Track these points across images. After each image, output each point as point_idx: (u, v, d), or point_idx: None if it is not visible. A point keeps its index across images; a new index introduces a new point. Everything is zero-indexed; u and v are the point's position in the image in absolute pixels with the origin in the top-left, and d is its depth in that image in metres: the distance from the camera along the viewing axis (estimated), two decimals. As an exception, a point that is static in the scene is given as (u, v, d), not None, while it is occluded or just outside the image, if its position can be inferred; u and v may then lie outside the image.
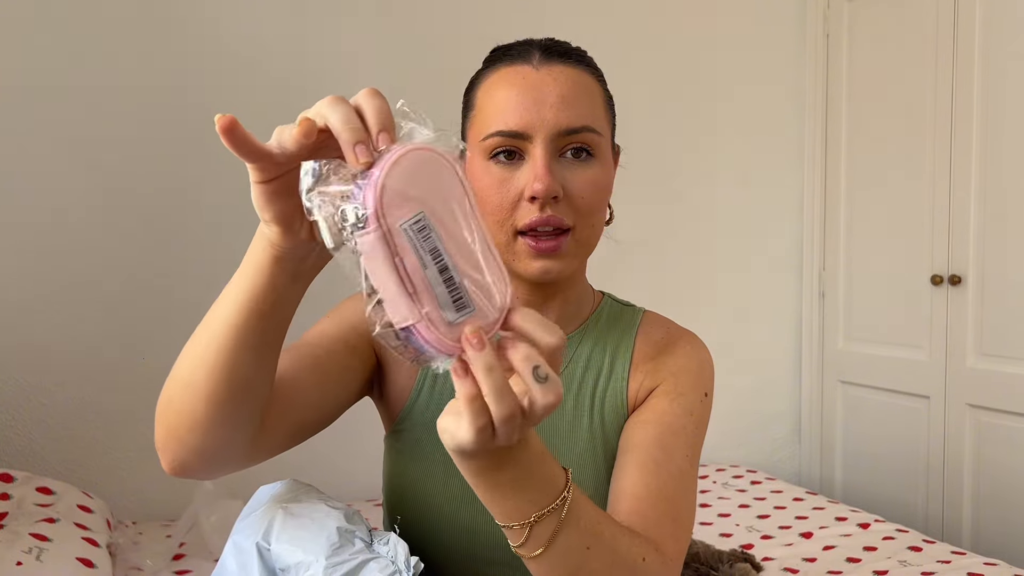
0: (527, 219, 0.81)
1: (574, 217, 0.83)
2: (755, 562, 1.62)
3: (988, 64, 2.19)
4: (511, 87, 0.83)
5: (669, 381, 0.90)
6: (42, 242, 1.95)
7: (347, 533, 0.78)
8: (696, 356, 0.92)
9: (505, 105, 0.83)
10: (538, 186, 0.80)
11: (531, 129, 0.81)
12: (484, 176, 0.83)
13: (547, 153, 0.81)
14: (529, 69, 0.84)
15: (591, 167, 0.84)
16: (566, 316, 0.93)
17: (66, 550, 1.39)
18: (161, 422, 0.73)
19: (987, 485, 2.22)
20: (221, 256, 2.10)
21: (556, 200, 0.81)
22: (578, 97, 0.83)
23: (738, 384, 2.69)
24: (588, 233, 0.85)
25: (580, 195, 0.82)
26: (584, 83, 0.85)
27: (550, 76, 0.83)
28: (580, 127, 0.82)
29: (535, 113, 0.82)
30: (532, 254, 0.82)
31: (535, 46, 0.86)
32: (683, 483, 0.84)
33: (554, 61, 0.84)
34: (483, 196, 0.83)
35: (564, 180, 0.82)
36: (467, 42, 2.30)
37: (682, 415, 0.87)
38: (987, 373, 2.20)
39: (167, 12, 2.04)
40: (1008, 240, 2.15)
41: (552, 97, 0.82)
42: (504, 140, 0.82)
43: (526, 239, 0.82)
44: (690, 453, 0.86)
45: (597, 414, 0.90)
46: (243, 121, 0.58)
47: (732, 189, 2.67)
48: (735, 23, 2.64)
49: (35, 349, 1.94)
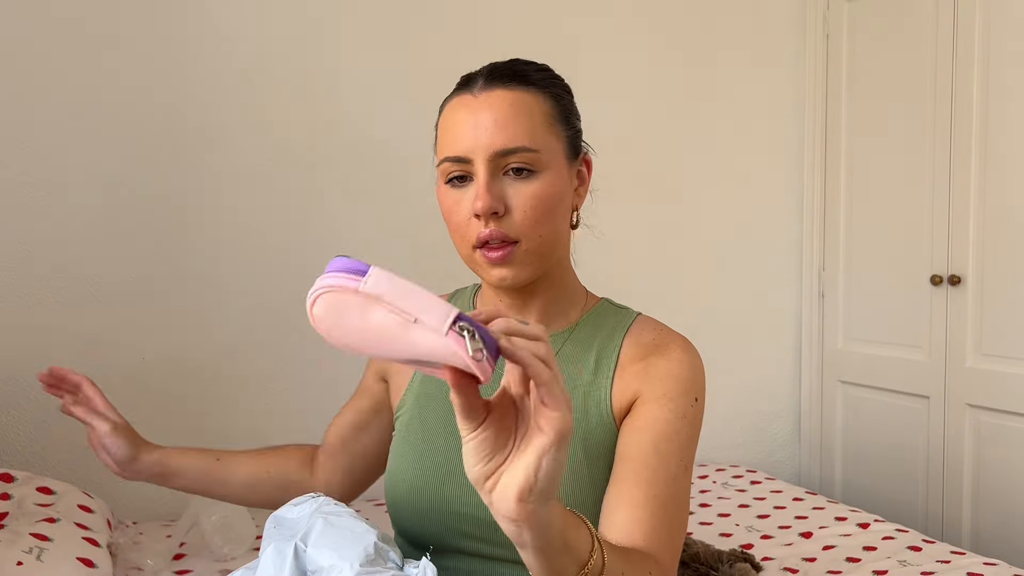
0: (476, 234, 0.90)
1: (518, 230, 0.90)
2: (755, 562, 1.62)
3: (988, 64, 2.19)
4: (455, 114, 0.92)
5: (658, 386, 0.92)
6: (42, 242, 1.95)
7: (382, 550, 0.83)
8: (687, 361, 0.94)
9: (452, 132, 0.92)
10: (478, 204, 0.88)
11: (471, 153, 0.89)
12: (444, 198, 0.94)
13: (486, 173, 0.89)
14: (470, 97, 0.91)
15: (532, 183, 0.90)
16: (550, 316, 0.99)
17: (67, 550, 1.39)
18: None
19: (987, 485, 2.22)
20: (221, 256, 2.11)
21: (498, 215, 0.89)
22: (512, 119, 0.89)
23: (738, 384, 2.69)
24: (537, 243, 0.91)
25: (522, 209, 0.89)
26: (521, 104, 0.90)
27: (487, 102, 0.90)
28: (514, 147, 0.89)
29: (473, 139, 0.89)
30: (488, 264, 0.91)
31: (483, 72, 0.93)
32: (677, 490, 0.87)
33: (494, 86, 0.91)
34: (446, 216, 0.94)
35: (507, 197, 0.90)
36: (468, 45, 2.31)
37: (675, 420, 0.90)
38: (987, 373, 2.20)
39: (167, 13, 2.04)
40: (1008, 240, 2.15)
41: (486, 121, 0.89)
42: (452, 165, 0.91)
43: (482, 251, 0.91)
44: (683, 458, 0.89)
45: (579, 412, 0.93)
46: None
47: (732, 189, 2.67)
48: (735, 23, 2.64)
49: (36, 349, 1.94)
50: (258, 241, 2.13)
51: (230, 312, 2.10)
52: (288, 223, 2.16)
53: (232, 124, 2.08)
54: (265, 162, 2.12)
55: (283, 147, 2.14)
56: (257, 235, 2.13)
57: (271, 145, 2.13)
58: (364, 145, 2.22)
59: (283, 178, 2.15)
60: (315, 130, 2.17)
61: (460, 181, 0.92)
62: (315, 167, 2.18)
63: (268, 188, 2.13)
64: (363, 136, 2.22)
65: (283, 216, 2.15)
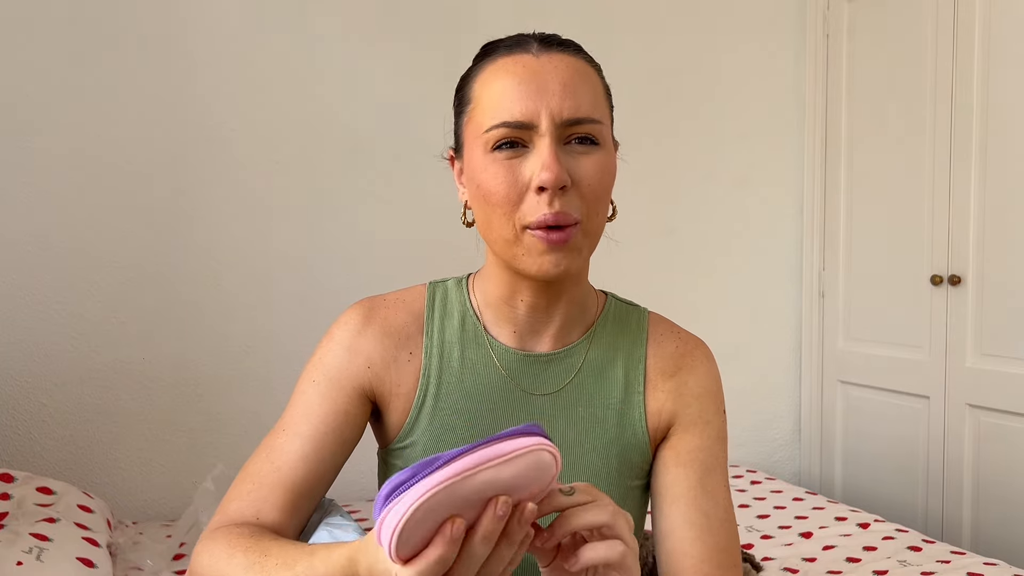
0: (535, 216, 0.78)
1: (581, 208, 0.79)
2: (755, 562, 1.62)
3: (988, 64, 2.19)
4: (511, 76, 0.80)
5: (694, 407, 0.89)
6: (42, 242, 1.95)
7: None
8: (712, 372, 0.92)
9: (506, 95, 0.79)
10: (546, 175, 0.77)
11: (536, 118, 0.78)
12: (488, 169, 0.80)
13: (554, 142, 0.78)
14: (529, 57, 0.81)
15: (596, 155, 0.81)
16: (571, 320, 0.90)
17: (66, 550, 1.39)
18: None
19: (987, 485, 2.22)
20: (221, 256, 2.11)
21: (564, 190, 0.78)
22: (581, 85, 0.81)
23: (738, 384, 2.69)
24: (595, 224, 0.82)
25: (588, 183, 0.80)
26: (585, 72, 0.82)
27: (551, 64, 0.80)
28: (584, 116, 0.80)
29: (539, 101, 0.78)
30: (542, 248, 0.79)
31: (532, 37, 0.83)
32: (731, 525, 0.86)
33: (553, 50, 0.82)
34: (488, 190, 0.80)
35: (571, 168, 0.79)
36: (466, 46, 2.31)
37: (713, 446, 0.89)
38: (987, 373, 2.20)
39: (167, 14, 2.04)
40: (1008, 240, 2.15)
41: (555, 84, 0.79)
42: (508, 131, 0.79)
43: (535, 233, 0.78)
44: (726, 483, 0.88)
45: (614, 427, 0.89)
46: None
47: (732, 189, 2.67)
48: (735, 23, 2.64)
49: (35, 349, 1.95)
50: (259, 241, 2.13)
51: (231, 312, 2.10)
52: (288, 223, 2.16)
53: (232, 124, 2.08)
54: (265, 162, 2.12)
55: (283, 147, 2.14)
56: (258, 235, 2.13)
57: (272, 145, 2.13)
58: (364, 145, 2.22)
59: (283, 178, 2.15)
60: (315, 131, 2.17)
61: (512, 148, 0.79)
62: (316, 167, 2.18)
63: (269, 188, 2.13)
64: (363, 136, 2.22)
65: (283, 216, 2.15)
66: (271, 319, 2.13)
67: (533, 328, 0.89)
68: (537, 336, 0.89)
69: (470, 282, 0.93)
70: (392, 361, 0.88)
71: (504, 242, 0.81)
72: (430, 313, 0.91)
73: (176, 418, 2.06)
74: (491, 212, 0.80)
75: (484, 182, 0.80)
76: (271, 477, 0.83)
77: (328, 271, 2.18)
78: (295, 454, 0.84)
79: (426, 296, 0.92)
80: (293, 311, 2.15)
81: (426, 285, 0.94)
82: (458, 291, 0.93)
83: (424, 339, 0.89)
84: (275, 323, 2.13)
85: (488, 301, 0.90)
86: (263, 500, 0.82)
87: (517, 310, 0.88)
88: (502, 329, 0.89)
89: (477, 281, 0.92)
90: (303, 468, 0.84)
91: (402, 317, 0.90)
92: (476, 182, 0.82)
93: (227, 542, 0.77)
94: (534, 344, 0.89)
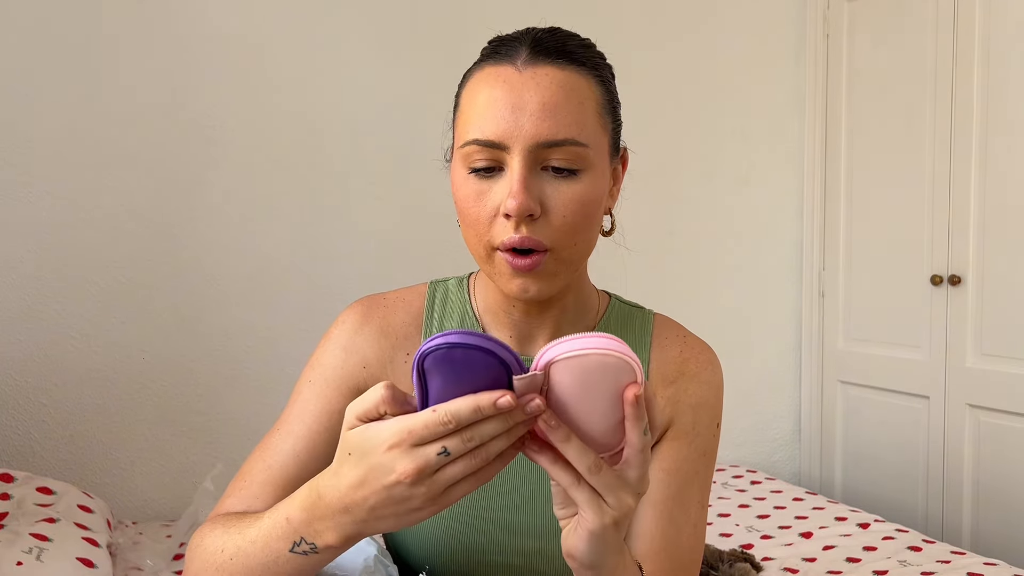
0: (502, 238, 0.76)
1: (553, 237, 0.76)
2: (755, 562, 1.62)
3: (988, 64, 2.19)
4: (491, 90, 0.76)
5: (687, 416, 0.88)
6: (42, 242, 1.95)
7: (380, 564, 0.83)
8: (713, 382, 0.90)
9: (482, 110, 0.76)
10: (511, 203, 0.74)
11: (508, 139, 0.75)
12: (462, 187, 0.78)
13: (524, 167, 0.75)
14: (511, 71, 0.77)
15: (576, 183, 0.77)
16: (565, 324, 0.88)
17: (66, 550, 1.39)
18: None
19: (987, 485, 2.22)
20: (221, 256, 2.11)
21: (533, 218, 0.75)
22: (563, 105, 0.76)
23: (738, 384, 2.69)
24: (570, 252, 0.78)
25: (561, 214, 0.76)
26: (573, 87, 0.77)
27: (533, 80, 0.76)
28: (562, 140, 0.75)
29: (512, 122, 0.75)
30: (510, 272, 0.77)
31: (526, 41, 0.79)
32: (696, 534, 0.88)
33: (540, 62, 0.77)
34: (461, 208, 0.79)
35: (544, 196, 0.76)
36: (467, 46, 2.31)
37: (697, 460, 0.88)
38: (987, 373, 2.20)
39: (166, 15, 2.04)
40: (1008, 240, 2.15)
41: (534, 104, 0.75)
42: (479, 150, 0.76)
43: (504, 255, 0.76)
44: (701, 498, 0.89)
45: None
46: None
47: (732, 189, 2.67)
48: (735, 23, 2.64)
49: (35, 349, 1.95)
50: (259, 241, 2.13)
51: (230, 312, 2.10)
52: (288, 223, 2.15)
53: (232, 124, 2.08)
54: (265, 162, 2.12)
55: (283, 147, 2.14)
56: (258, 235, 2.13)
57: (272, 145, 2.13)
58: (364, 145, 2.22)
59: (283, 178, 2.15)
60: (315, 131, 2.17)
61: (486, 168, 0.76)
62: (315, 167, 2.18)
63: (268, 188, 2.13)
64: (363, 136, 2.22)
65: (283, 216, 2.15)
66: (271, 319, 2.13)
67: (530, 332, 0.88)
68: (534, 340, 0.88)
69: (471, 282, 0.92)
70: (389, 361, 0.88)
71: (479, 258, 0.80)
72: (429, 313, 0.90)
73: (176, 418, 2.06)
74: (466, 229, 0.80)
75: (459, 200, 0.79)
76: (263, 475, 0.84)
77: (328, 271, 2.19)
78: (287, 452, 0.84)
79: (426, 296, 0.91)
80: (293, 311, 2.14)
81: (427, 284, 0.93)
82: (459, 291, 0.92)
83: (422, 339, 0.89)
84: (275, 323, 2.13)
85: (487, 305, 0.89)
86: (254, 497, 0.83)
87: (512, 315, 0.87)
88: (500, 332, 0.89)
89: (477, 282, 0.91)
90: (294, 466, 0.84)
91: (400, 317, 0.90)
92: (455, 195, 0.81)
93: (211, 523, 0.79)
94: (532, 347, 0.89)
